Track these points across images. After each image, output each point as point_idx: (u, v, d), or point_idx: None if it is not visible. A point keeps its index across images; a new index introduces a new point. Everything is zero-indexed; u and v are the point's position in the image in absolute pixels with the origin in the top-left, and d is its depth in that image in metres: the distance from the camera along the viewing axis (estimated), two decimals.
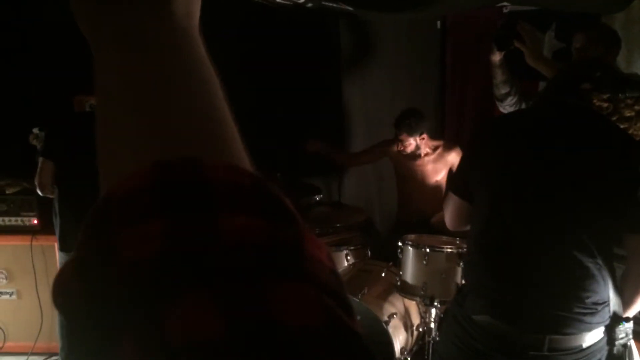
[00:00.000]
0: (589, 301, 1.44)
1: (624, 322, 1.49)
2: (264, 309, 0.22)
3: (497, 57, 2.54)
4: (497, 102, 2.71)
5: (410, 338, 2.76)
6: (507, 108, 2.68)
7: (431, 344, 2.68)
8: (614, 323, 1.49)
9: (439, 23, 3.86)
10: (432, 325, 2.68)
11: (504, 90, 2.61)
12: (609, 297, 1.47)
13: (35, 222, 3.28)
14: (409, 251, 2.62)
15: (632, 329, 1.52)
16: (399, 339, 2.62)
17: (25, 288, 3.30)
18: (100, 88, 0.32)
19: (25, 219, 3.28)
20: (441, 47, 3.92)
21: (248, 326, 0.21)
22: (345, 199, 3.99)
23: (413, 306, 2.84)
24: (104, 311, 0.23)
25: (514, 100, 2.62)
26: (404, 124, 3.20)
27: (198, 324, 0.21)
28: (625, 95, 1.51)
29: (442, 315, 2.72)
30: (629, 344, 1.51)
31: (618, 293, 1.49)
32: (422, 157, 3.36)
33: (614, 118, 1.49)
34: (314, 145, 3.54)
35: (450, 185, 1.73)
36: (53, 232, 2.88)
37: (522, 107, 2.63)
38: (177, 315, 0.22)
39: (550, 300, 1.46)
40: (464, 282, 1.77)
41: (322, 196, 3.70)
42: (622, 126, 1.50)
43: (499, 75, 2.59)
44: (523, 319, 1.49)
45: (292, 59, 3.83)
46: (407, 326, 2.75)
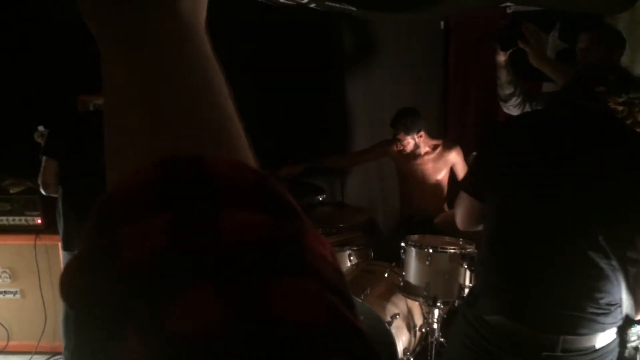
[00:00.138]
0: (602, 302, 1.44)
1: (636, 325, 1.49)
2: (266, 304, 0.22)
3: (502, 58, 2.54)
4: (500, 103, 2.71)
5: (413, 339, 2.76)
6: (511, 108, 2.67)
7: (434, 345, 2.68)
8: (626, 325, 1.48)
9: (442, 23, 3.86)
10: (435, 326, 2.68)
11: (508, 90, 2.61)
12: (621, 298, 1.46)
13: (39, 221, 3.29)
14: (412, 252, 2.62)
15: None
16: (401, 340, 2.62)
17: (29, 287, 3.31)
18: (107, 85, 0.32)
19: (29, 218, 3.29)
20: (444, 47, 3.92)
21: (250, 321, 0.22)
22: (348, 199, 3.98)
23: (416, 307, 2.83)
24: (108, 306, 0.23)
25: (518, 100, 2.62)
26: (401, 123, 3.21)
27: (200, 318, 0.21)
28: (629, 95, 1.51)
29: (445, 316, 2.72)
30: None
31: (630, 295, 1.49)
32: (422, 156, 3.36)
33: (628, 121, 1.48)
34: (292, 169, 3.46)
35: (462, 185, 1.72)
36: (57, 231, 2.89)
37: (526, 107, 2.63)
38: (179, 310, 0.22)
39: (565, 300, 1.45)
40: (474, 282, 1.76)
41: (324, 196, 3.70)
42: (638, 130, 1.49)
43: (504, 75, 2.58)
44: (537, 319, 1.48)
45: (294, 59, 3.83)
46: (410, 327, 2.75)
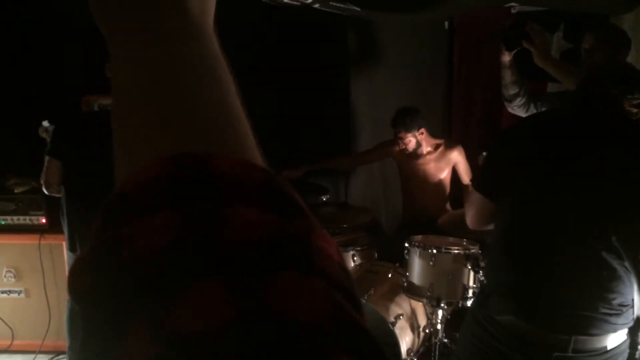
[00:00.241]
0: (615, 302, 1.43)
1: None
2: (273, 302, 0.22)
3: (507, 58, 2.53)
4: (505, 103, 2.70)
5: (416, 339, 2.76)
6: (515, 109, 2.66)
7: (437, 346, 2.68)
8: (637, 326, 1.48)
9: (447, 23, 3.86)
10: (439, 326, 2.68)
11: (512, 91, 2.60)
12: (633, 299, 1.46)
13: (44, 221, 3.30)
14: (415, 252, 2.61)
15: None
16: (405, 340, 2.62)
17: (33, 287, 3.32)
18: (116, 82, 0.32)
19: (33, 218, 3.30)
20: (449, 47, 3.91)
21: (256, 317, 0.22)
22: (352, 199, 3.98)
23: (420, 307, 2.83)
24: (115, 302, 0.23)
25: (523, 101, 2.61)
26: (401, 121, 3.22)
27: (206, 315, 0.22)
28: (634, 95, 1.50)
29: (448, 316, 2.72)
30: None
31: None
32: (424, 156, 3.36)
33: None
34: (294, 172, 3.46)
35: (474, 184, 1.71)
36: (61, 231, 2.90)
37: (531, 107, 2.62)
38: (186, 307, 0.22)
39: (577, 300, 1.45)
40: (485, 282, 1.75)
41: (328, 196, 3.70)
42: None
43: (509, 75, 2.58)
44: (548, 320, 1.47)
45: (299, 59, 3.84)
46: (414, 327, 2.74)
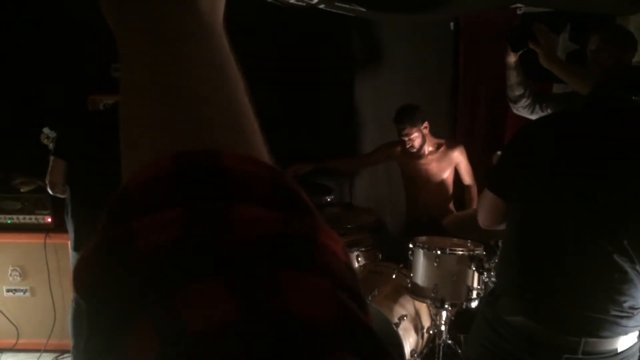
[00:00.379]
0: (626, 305, 1.42)
1: None
2: (277, 298, 0.22)
3: (512, 59, 2.52)
4: (510, 104, 2.69)
5: (420, 340, 2.75)
6: (520, 110, 2.66)
7: (441, 347, 2.67)
8: None
9: (452, 24, 3.85)
10: (443, 327, 2.67)
11: (518, 92, 2.59)
12: None
13: (49, 220, 3.31)
14: (419, 253, 2.61)
15: None
16: (409, 341, 2.62)
17: (38, 285, 3.33)
18: (124, 79, 0.32)
19: (39, 217, 3.32)
20: (454, 48, 3.91)
21: (261, 315, 0.22)
22: (357, 200, 3.98)
23: (424, 308, 2.83)
24: (121, 296, 0.23)
25: (528, 102, 2.60)
26: (405, 117, 3.23)
27: (210, 310, 0.22)
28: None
29: (452, 318, 2.72)
30: None
31: None
32: (425, 156, 3.37)
33: None
34: (300, 168, 3.47)
35: (487, 183, 1.71)
36: (66, 230, 2.91)
37: (536, 108, 2.61)
38: (191, 301, 0.22)
39: (587, 302, 1.44)
40: (495, 282, 1.74)
41: (333, 197, 3.70)
42: None
43: (514, 76, 2.57)
44: (559, 321, 1.46)
45: (304, 60, 3.84)
46: (418, 328, 2.74)
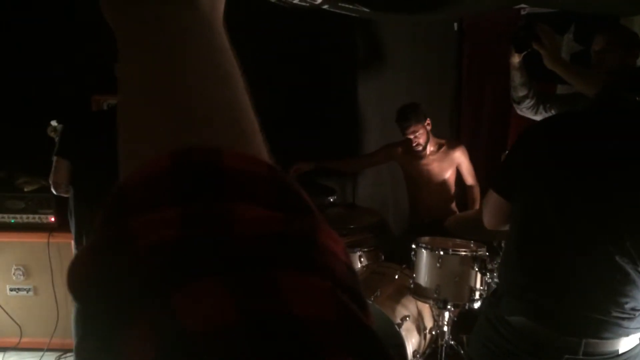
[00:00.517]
0: (627, 307, 1.42)
1: None
2: (277, 299, 0.22)
3: (516, 60, 2.52)
4: (514, 105, 2.69)
5: (423, 341, 2.75)
6: (524, 111, 2.65)
7: (444, 348, 2.67)
8: None
9: (456, 25, 3.85)
10: (445, 328, 2.67)
11: (522, 92, 2.59)
12: None
13: (53, 219, 3.32)
14: (422, 254, 2.61)
15: None
16: (411, 342, 2.61)
17: (42, 285, 3.34)
18: (122, 77, 0.32)
19: (42, 216, 3.33)
20: (458, 48, 3.90)
21: (261, 315, 0.21)
22: (360, 200, 3.98)
23: (426, 309, 2.82)
24: (118, 296, 0.23)
25: (532, 102, 2.60)
26: (411, 114, 3.24)
27: (209, 311, 0.21)
28: None
29: (455, 318, 2.71)
30: None
31: None
32: (427, 156, 3.37)
33: None
34: (302, 167, 3.50)
35: (492, 184, 1.71)
36: (70, 229, 2.91)
37: (540, 109, 2.61)
38: (190, 302, 0.22)
39: (589, 303, 1.44)
40: (498, 282, 1.74)
41: (336, 197, 3.70)
42: None
43: (518, 77, 2.56)
44: (560, 321, 1.46)
45: (308, 60, 3.84)
46: (420, 329, 2.74)
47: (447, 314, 2.65)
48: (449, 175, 3.42)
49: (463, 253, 2.55)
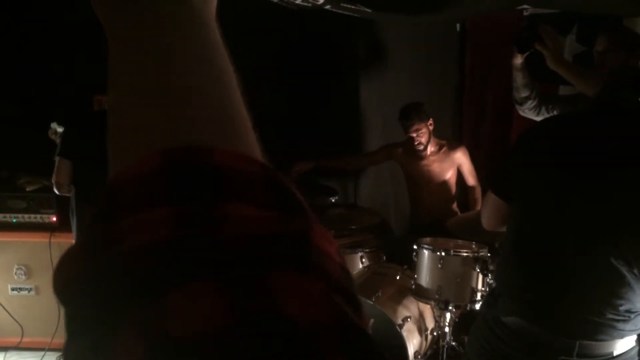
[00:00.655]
0: (622, 309, 1.41)
1: None
2: (269, 301, 0.22)
3: (518, 60, 2.51)
4: (516, 106, 2.69)
5: (424, 342, 2.75)
6: (526, 112, 2.65)
7: (445, 349, 2.66)
8: None
9: (459, 25, 3.85)
10: (447, 329, 2.67)
11: (524, 93, 2.59)
12: None
13: (54, 219, 3.32)
14: (424, 254, 2.61)
15: None
16: (412, 343, 2.61)
17: (43, 284, 3.34)
18: (112, 73, 0.32)
19: (44, 216, 3.33)
20: (460, 49, 3.90)
21: (252, 317, 0.21)
22: (361, 200, 3.98)
23: (427, 310, 2.82)
24: (106, 298, 0.22)
25: (534, 103, 2.60)
26: (414, 114, 3.25)
27: (201, 313, 0.21)
28: None
29: (457, 319, 2.71)
30: None
31: None
32: (427, 156, 3.37)
33: None
34: (303, 167, 3.50)
35: (490, 185, 1.71)
36: (71, 229, 2.92)
37: (542, 110, 2.60)
38: (179, 305, 0.21)
39: (583, 304, 1.43)
40: (495, 284, 1.75)
41: (337, 198, 3.70)
42: None
43: (520, 78, 2.56)
44: (554, 322, 1.46)
45: (310, 61, 3.84)
46: (421, 330, 2.73)
47: (448, 315, 2.65)
48: (449, 175, 3.41)
49: (465, 254, 2.55)
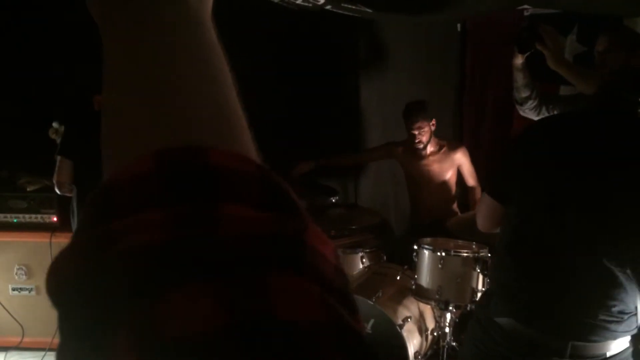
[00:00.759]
0: (614, 310, 1.41)
1: None
2: (264, 302, 0.22)
3: (519, 60, 2.51)
4: (517, 106, 2.69)
5: (424, 342, 2.75)
6: (527, 112, 2.65)
7: (445, 349, 2.66)
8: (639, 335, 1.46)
9: (459, 26, 3.84)
10: (447, 329, 2.66)
11: (524, 94, 2.58)
12: (636, 308, 1.44)
13: (55, 219, 3.32)
14: (424, 255, 2.61)
15: None
16: (413, 343, 2.61)
17: (44, 284, 3.33)
18: (106, 73, 0.31)
19: (45, 216, 3.33)
20: (461, 49, 3.90)
21: (246, 319, 0.21)
22: (362, 201, 3.98)
23: (428, 310, 2.82)
24: (104, 298, 0.22)
25: (535, 104, 2.59)
26: (418, 111, 3.26)
27: (200, 313, 0.21)
28: None
29: (457, 320, 2.71)
30: None
31: None
32: (427, 156, 3.38)
33: None
34: (304, 166, 3.51)
35: (486, 187, 1.71)
36: (72, 229, 2.91)
37: (543, 110, 2.60)
38: (179, 305, 0.21)
39: (576, 305, 1.43)
40: (489, 284, 1.75)
41: (337, 198, 3.70)
42: None
43: (520, 78, 2.56)
44: (546, 323, 1.46)
45: (310, 61, 3.84)
46: (422, 330, 2.73)
47: (448, 315, 2.65)
48: (449, 176, 3.42)
49: (465, 254, 2.55)
